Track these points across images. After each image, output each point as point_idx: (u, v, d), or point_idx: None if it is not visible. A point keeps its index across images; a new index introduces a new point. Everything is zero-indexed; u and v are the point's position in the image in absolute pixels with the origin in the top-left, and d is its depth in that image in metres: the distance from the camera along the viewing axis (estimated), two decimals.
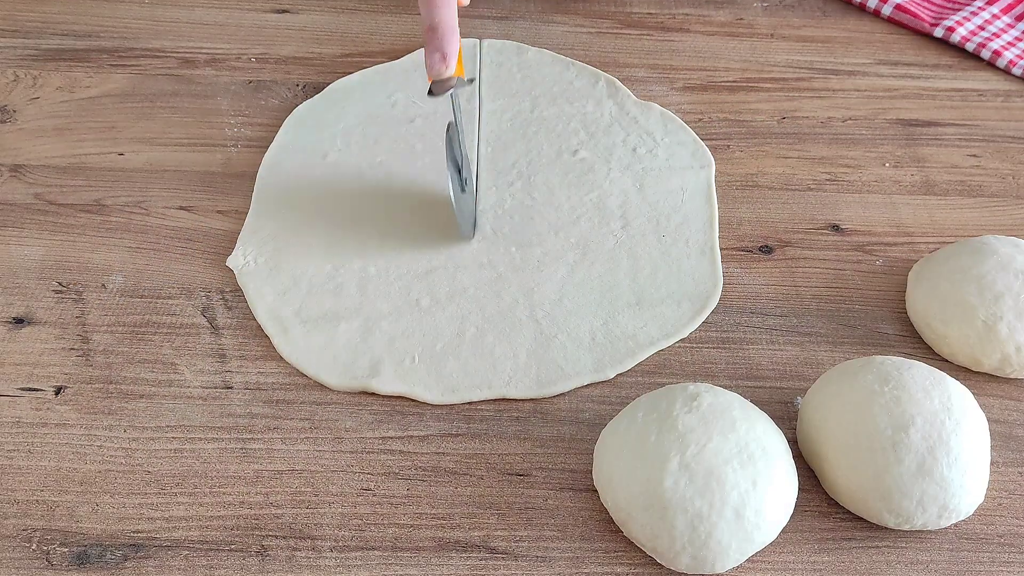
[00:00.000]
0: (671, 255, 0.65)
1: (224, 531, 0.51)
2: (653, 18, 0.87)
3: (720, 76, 0.81)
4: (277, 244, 0.65)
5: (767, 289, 0.64)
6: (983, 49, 0.83)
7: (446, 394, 0.57)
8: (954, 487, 0.49)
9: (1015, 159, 0.74)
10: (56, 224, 0.66)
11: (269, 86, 0.78)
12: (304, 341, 0.59)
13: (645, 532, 0.48)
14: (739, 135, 0.75)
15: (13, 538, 0.50)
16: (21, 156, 0.71)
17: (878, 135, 0.76)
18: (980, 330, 0.57)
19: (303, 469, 0.53)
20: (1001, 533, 0.52)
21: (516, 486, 0.53)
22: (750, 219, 0.69)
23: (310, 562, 0.50)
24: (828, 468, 0.52)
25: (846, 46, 0.85)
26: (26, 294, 0.62)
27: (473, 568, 0.50)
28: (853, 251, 0.67)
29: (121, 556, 0.50)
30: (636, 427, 0.50)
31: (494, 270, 0.64)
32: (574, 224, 0.67)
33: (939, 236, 0.68)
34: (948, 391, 0.51)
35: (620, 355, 0.59)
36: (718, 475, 0.47)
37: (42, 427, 0.55)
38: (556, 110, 0.76)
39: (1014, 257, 0.59)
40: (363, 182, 0.69)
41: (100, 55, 0.80)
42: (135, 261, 0.64)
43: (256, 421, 0.56)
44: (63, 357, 0.58)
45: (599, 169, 0.71)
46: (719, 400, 0.50)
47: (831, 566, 0.50)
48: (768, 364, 0.60)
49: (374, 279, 0.63)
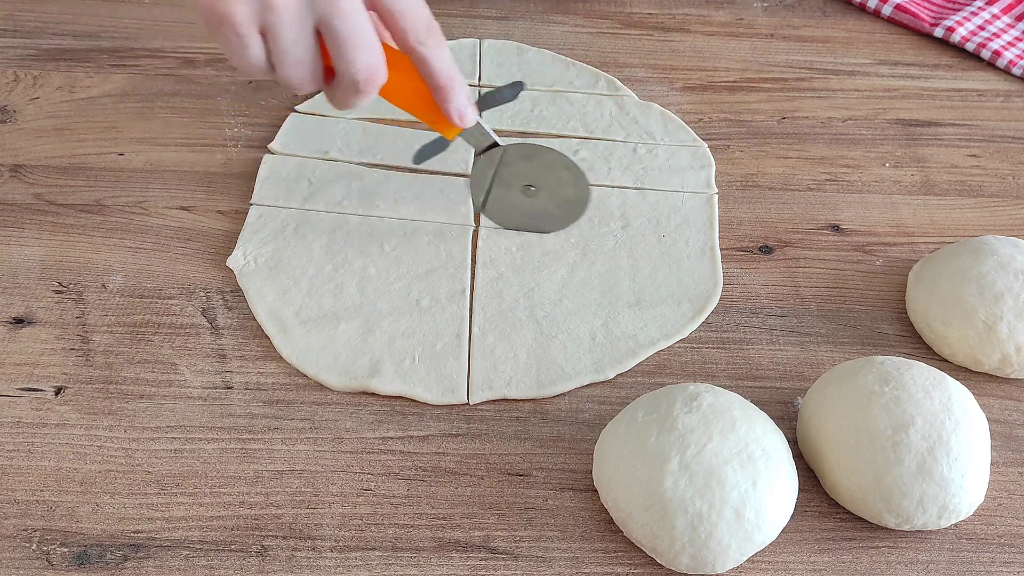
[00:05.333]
0: (671, 255, 0.65)
1: (224, 531, 0.51)
2: (653, 18, 0.87)
3: (720, 76, 0.81)
4: (277, 244, 0.65)
5: (767, 289, 0.64)
6: (983, 49, 0.83)
7: (446, 394, 0.57)
8: (954, 487, 0.49)
9: (1015, 159, 0.74)
10: (56, 224, 0.66)
11: (269, 86, 0.78)
12: (304, 341, 0.59)
13: (645, 532, 0.48)
14: (739, 135, 0.75)
15: (13, 538, 0.50)
16: (21, 156, 0.71)
17: (878, 135, 0.76)
18: (980, 330, 0.57)
19: (303, 469, 0.53)
20: (1001, 533, 0.52)
21: (516, 486, 0.53)
22: (750, 219, 0.69)
23: (310, 562, 0.50)
24: (828, 468, 0.52)
25: (846, 46, 0.85)
26: (26, 294, 0.62)
27: (473, 568, 0.50)
28: (853, 251, 0.67)
29: (121, 556, 0.50)
30: (636, 427, 0.50)
31: (494, 270, 0.64)
32: (574, 224, 0.67)
33: (939, 236, 0.68)
34: (948, 391, 0.51)
35: (620, 355, 0.59)
36: (718, 475, 0.47)
37: (42, 427, 0.55)
38: (556, 110, 0.76)
39: (1014, 257, 0.59)
40: (363, 182, 0.69)
41: (100, 55, 0.80)
42: (135, 261, 0.64)
43: (256, 421, 0.56)
44: (63, 357, 0.58)
45: (599, 169, 0.71)
46: (719, 400, 0.50)
47: (831, 566, 0.50)
48: (768, 364, 0.60)
49: (374, 279, 0.63)
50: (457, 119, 0.57)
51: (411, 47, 0.54)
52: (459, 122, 0.57)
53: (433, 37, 0.54)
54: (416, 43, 0.53)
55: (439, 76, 0.55)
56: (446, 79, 0.55)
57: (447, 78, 0.55)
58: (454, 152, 0.72)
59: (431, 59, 0.54)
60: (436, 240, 0.66)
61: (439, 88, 0.55)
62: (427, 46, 0.54)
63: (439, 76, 0.55)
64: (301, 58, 0.52)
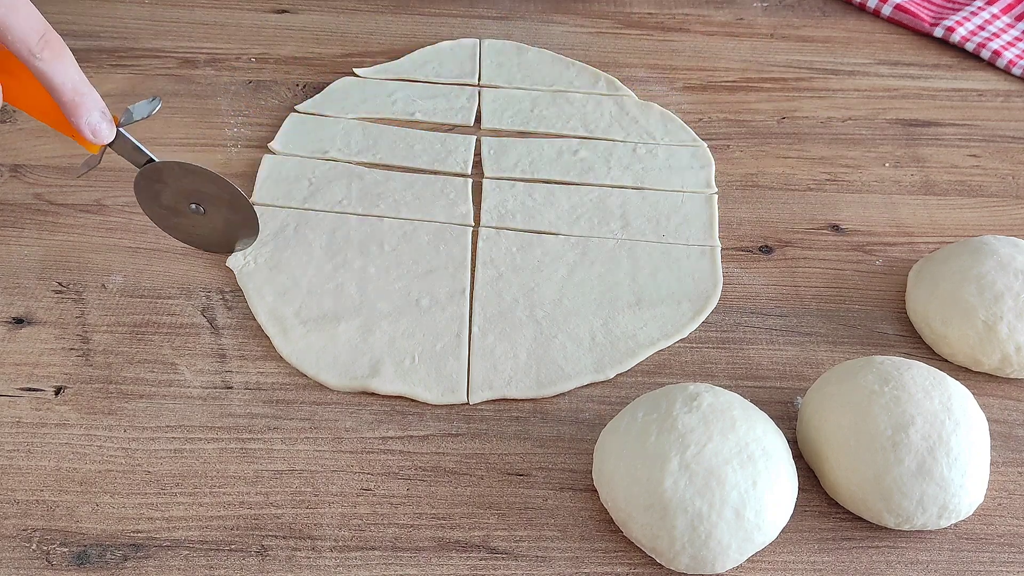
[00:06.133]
0: (671, 255, 0.65)
1: (224, 531, 0.51)
2: (653, 18, 0.87)
3: (720, 76, 0.81)
4: (277, 244, 0.65)
5: (767, 289, 0.64)
6: (983, 49, 0.83)
7: (446, 394, 0.57)
8: (954, 487, 0.49)
9: (1015, 159, 0.74)
10: (56, 224, 0.66)
11: (269, 86, 0.78)
12: (304, 341, 0.59)
13: (645, 532, 0.48)
14: (739, 135, 0.75)
15: (13, 538, 0.50)
16: (21, 156, 0.71)
17: (878, 135, 0.76)
18: (980, 330, 0.57)
19: (303, 469, 0.53)
20: (1001, 533, 0.52)
21: (516, 486, 0.53)
22: (750, 219, 0.69)
23: (310, 562, 0.50)
24: (828, 468, 0.52)
25: (846, 46, 0.85)
26: (26, 294, 0.62)
27: (473, 568, 0.50)
28: (853, 251, 0.67)
29: (121, 556, 0.50)
30: (636, 427, 0.50)
31: (494, 270, 0.64)
32: (574, 224, 0.67)
33: (939, 236, 0.68)
34: (948, 391, 0.51)
35: (620, 355, 0.59)
36: (718, 475, 0.47)
37: (42, 427, 0.55)
38: (556, 110, 0.76)
39: (1014, 257, 0.59)
40: (363, 182, 0.69)
41: (100, 55, 0.80)
42: (135, 261, 0.64)
43: (256, 421, 0.56)
44: (63, 357, 0.58)
45: (599, 169, 0.71)
46: (719, 400, 0.50)
47: (831, 566, 0.50)
48: (768, 364, 0.60)
49: (374, 279, 0.63)
50: (91, 136, 0.54)
51: (27, 61, 0.50)
52: (93, 139, 0.54)
53: (49, 49, 0.50)
54: (30, 56, 0.50)
55: (62, 91, 0.52)
56: (71, 93, 0.52)
57: (72, 92, 0.52)
58: (453, 152, 0.72)
59: (51, 74, 0.51)
60: (436, 240, 0.66)
61: (64, 104, 0.52)
62: (43, 59, 0.50)
63: (62, 91, 0.52)
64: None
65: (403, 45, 0.82)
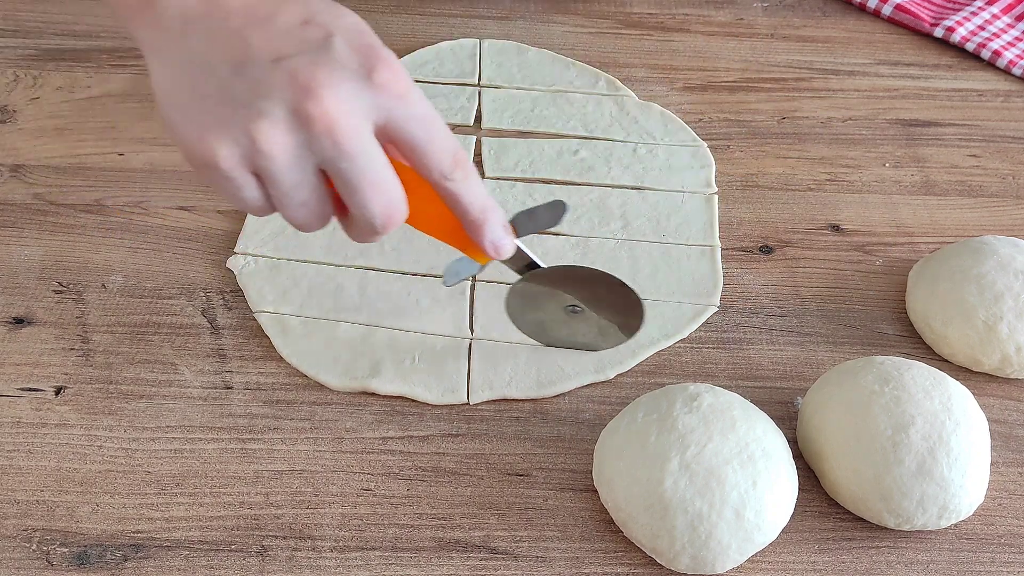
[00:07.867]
0: (671, 255, 0.65)
1: (224, 531, 0.51)
2: (653, 18, 0.87)
3: (720, 76, 0.81)
4: (277, 244, 0.65)
5: (767, 289, 0.64)
6: (983, 49, 0.83)
7: (446, 394, 0.57)
8: (954, 487, 0.49)
9: (1015, 159, 0.74)
10: (56, 224, 0.66)
11: None
12: (304, 341, 0.59)
13: (645, 532, 0.48)
14: (739, 135, 0.75)
15: (13, 538, 0.50)
16: (21, 156, 0.71)
17: (878, 135, 0.76)
18: (980, 330, 0.57)
19: (303, 469, 0.53)
20: (1001, 533, 0.52)
21: (516, 486, 0.53)
22: (750, 219, 0.69)
23: (310, 562, 0.50)
24: (828, 468, 0.52)
25: (846, 46, 0.85)
26: (26, 294, 0.62)
27: (473, 568, 0.50)
28: (853, 251, 0.67)
29: (121, 556, 0.50)
30: (636, 427, 0.50)
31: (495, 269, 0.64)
32: (574, 224, 0.67)
33: (939, 236, 0.68)
34: (948, 391, 0.51)
35: (620, 355, 0.59)
36: (718, 475, 0.47)
37: (42, 427, 0.55)
38: (556, 110, 0.76)
39: (1014, 257, 0.59)
40: None
41: (100, 55, 0.80)
42: (135, 261, 0.64)
43: (256, 421, 0.56)
44: (63, 357, 0.58)
45: (599, 169, 0.71)
46: (719, 400, 0.50)
47: (831, 566, 0.50)
48: (768, 364, 0.60)
49: (374, 279, 0.63)
50: (493, 252, 0.51)
51: (436, 182, 0.47)
52: (495, 255, 0.51)
53: (461, 169, 0.47)
54: (441, 178, 0.47)
55: (470, 211, 0.49)
56: (478, 212, 0.49)
57: (479, 211, 0.49)
58: None
59: (460, 193, 0.48)
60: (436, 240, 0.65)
61: (471, 223, 0.49)
62: (455, 180, 0.47)
63: (470, 211, 0.49)
64: (305, 200, 0.45)
65: (403, 45, 0.82)
